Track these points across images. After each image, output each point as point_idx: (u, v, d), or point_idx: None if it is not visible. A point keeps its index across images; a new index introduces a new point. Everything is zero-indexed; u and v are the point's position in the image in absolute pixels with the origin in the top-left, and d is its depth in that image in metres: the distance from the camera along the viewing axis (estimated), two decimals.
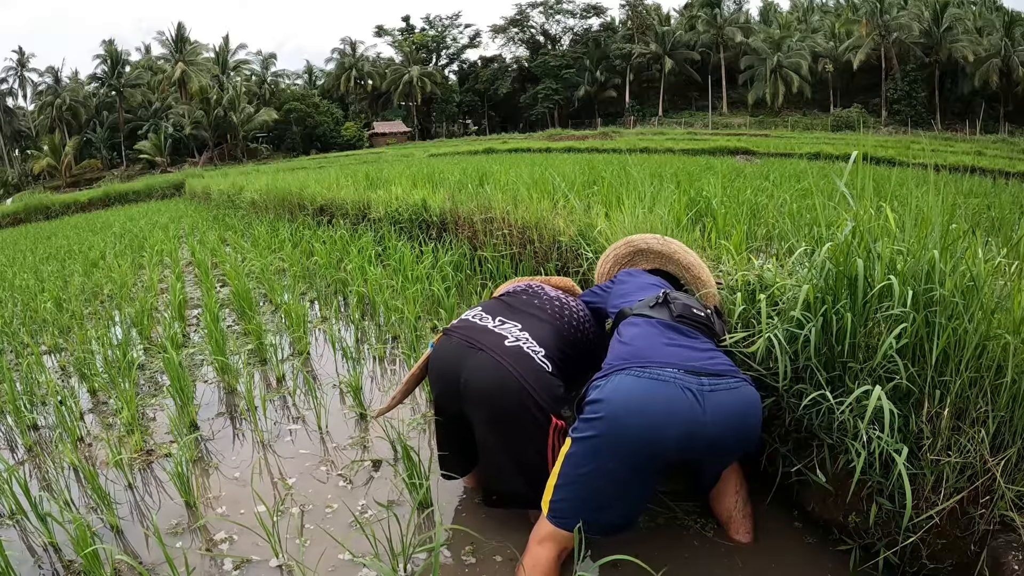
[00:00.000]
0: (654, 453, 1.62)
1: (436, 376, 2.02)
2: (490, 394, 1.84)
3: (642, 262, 2.40)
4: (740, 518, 1.90)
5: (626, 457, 1.61)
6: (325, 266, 5.47)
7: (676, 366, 1.67)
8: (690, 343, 1.78)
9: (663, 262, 2.35)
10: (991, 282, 1.63)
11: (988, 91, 40.16)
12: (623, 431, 1.60)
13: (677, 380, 1.63)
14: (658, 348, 1.74)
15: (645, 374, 1.64)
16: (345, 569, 1.90)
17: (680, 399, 1.60)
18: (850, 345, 1.74)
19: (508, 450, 1.89)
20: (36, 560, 2.05)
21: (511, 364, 1.85)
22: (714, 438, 1.62)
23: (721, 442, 1.66)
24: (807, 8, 52.69)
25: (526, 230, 4.22)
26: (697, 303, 1.97)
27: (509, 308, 2.12)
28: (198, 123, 46.50)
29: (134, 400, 2.95)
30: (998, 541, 1.45)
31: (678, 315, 1.86)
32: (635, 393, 1.62)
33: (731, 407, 1.64)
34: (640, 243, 2.39)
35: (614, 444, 1.61)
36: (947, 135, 35.89)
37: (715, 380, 1.66)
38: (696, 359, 1.71)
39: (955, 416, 1.57)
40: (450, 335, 2.03)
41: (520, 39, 56.95)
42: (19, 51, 49.44)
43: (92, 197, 24.63)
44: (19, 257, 10.14)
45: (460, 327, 2.05)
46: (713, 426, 1.61)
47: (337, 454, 2.60)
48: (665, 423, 1.59)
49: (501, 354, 1.87)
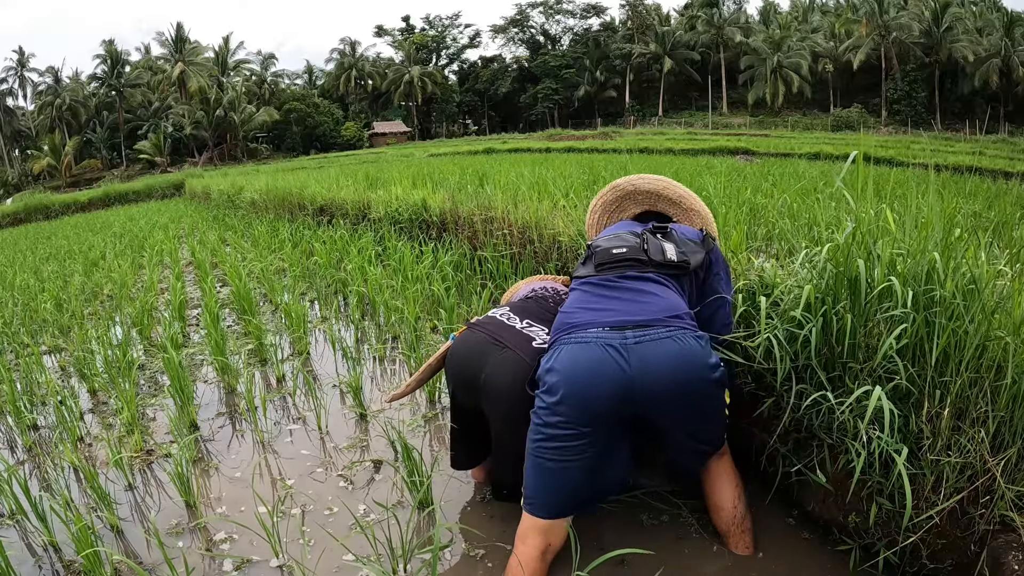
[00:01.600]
0: (594, 413, 1.61)
1: (456, 368, 2.03)
2: (512, 391, 1.86)
3: (631, 206, 2.26)
4: (738, 532, 1.85)
5: (571, 423, 1.61)
6: (325, 266, 5.47)
7: (600, 324, 1.65)
8: (619, 294, 1.75)
9: (653, 201, 2.23)
10: (992, 283, 1.63)
11: (988, 91, 40.16)
12: (562, 400, 1.60)
13: (599, 339, 1.62)
14: (581, 311, 1.73)
15: (571, 339, 1.65)
16: (345, 569, 1.90)
17: (603, 358, 1.59)
18: (850, 345, 1.74)
19: (522, 445, 1.90)
20: (36, 560, 2.05)
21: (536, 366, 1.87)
22: (649, 392, 1.60)
23: (660, 396, 1.61)
24: (807, 8, 52.68)
25: (526, 230, 4.22)
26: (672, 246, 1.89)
27: (537, 313, 2.11)
28: (198, 123, 46.50)
29: (134, 400, 2.95)
30: (998, 541, 1.45)
31: (599, 264, 1.84)
32: (563, 361, 1.62)
33: (658, 358, 1.60)
34: (626, 185, 2.24)
35: (556, 414, 1.61)
36: (947, 135, 35.88)
37: (641, 332, 1.62)
38: (623, 311, 1.68)
39: (955, 416, 1.57)
40: (475, 330, 2.03)
41: (520, 39, 56.97)
42: (19, 51, 49.50)
43: (92, 197, 24.63)
44: (19, 257, 10.14)
45: (487, 323, 2.05)
46: (642, 380, 1.58)
47: (337, 454, 2.60)
48: (593, 383, 1.59)
49: (527, 355, 1.88)
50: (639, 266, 1.81)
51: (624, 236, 1.93)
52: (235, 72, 52.01)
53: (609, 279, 1.80)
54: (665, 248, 1.86)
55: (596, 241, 1.97)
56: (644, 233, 1.92)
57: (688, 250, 1.90)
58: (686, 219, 2.17)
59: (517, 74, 55.35)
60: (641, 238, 1.90)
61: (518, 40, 57.05)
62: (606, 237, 1.97)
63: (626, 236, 1.93)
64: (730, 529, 1.85)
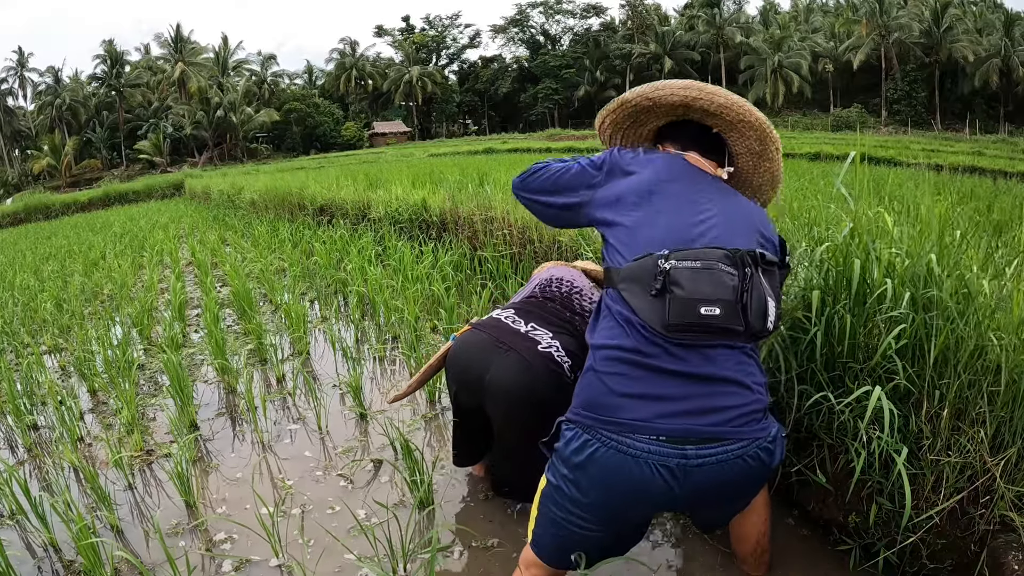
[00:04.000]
0: (624, 521, 1.43)
1: (459, 369, 2.03)
2: (515, 394, 1.86)
3: (651, 119, 1.64)
4: (754, 562, 1.74)
5: (593, 519, 1.38)
6: (325, 266, 5.47)
7: (655, 431, 1.27)
8: (689, 375, 1.30)
9: (682, 112, 1.58)
10: (987, 287, 1.63)
11: (988, 91, 40.18)
12: (588, 499, 1.36)
13: (651, 457, 1.27)
14: (631, 400, 1.31)
15: (613, 442, 1.29)
16: (346, 569, 1.90)
17: (650, 481, 1.29)
18: (850, 345, 1.74)
19: (525, 447, 1.91)
20: (36, 560, 2.05)
21: (541, 370, 1.86)
22: (693, 507, 1.44)
23: (704, 508, 1.46)
24: (807, 8, 52.70)
25: (526, 230, 4.22)
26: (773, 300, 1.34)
27: (542, 316, 2.08)
28: (198, 123, 46.52)
29: (134, 400, 2.95)
30: (998, 541, 1.45)
31: (673, 324, 1.29)
32: (600, 470, 1.31)
33: (716, 484, 1.31)
34: (638, 100, 1.56)
35: (580, 506, 1.38)
36: (947, 135, 35.91)
37: (707, 450, 1.27)
38: (691, 411, 1.28)
39: (955, 416, 1.57)
40: (478, 331, 2.02)
41: (520, 39, 56.98)
42: (19, 51, 49.52)
43: (92, 197, 24.61)
44: (19, 257, 10.14)
45: (490, 325, 2.03)
46: (689, 499, 1.34)
47: (337, 454, 2.60)
48: (633, 502, 1.35)
49: (532, 358, 1.87)
50: (727, 337, 1.32)
51: (718, 267, 1.30)
52: (235, 72, 52.02)
53: (676, 352, 1.30)
54: (769, 308, 1.34)
55: (675, 264, 1.30)
56: (747, 267, 1.32)
57: (778, 289, 1.42)
58: (735, 134, 1.55)
59: (517, 74, 55.36)
60: (743, 276, 1.31)
61: (518, 40, 57.08)
62: (689, 261, 1.31)
63: (722, 273, 1.30)
64: (749, 559, 1.73)
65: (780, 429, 1.41)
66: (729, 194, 1.51)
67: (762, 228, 1.46)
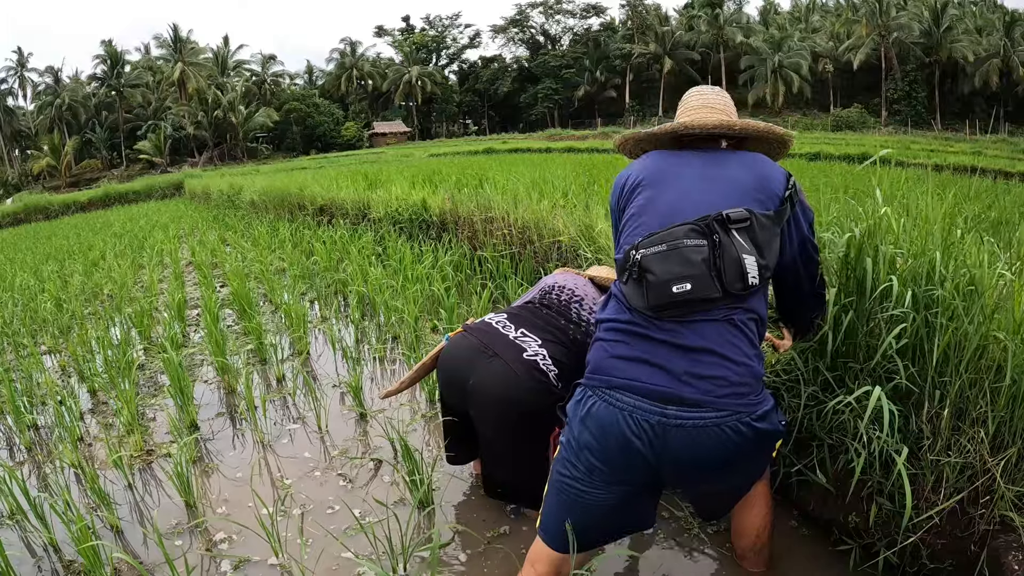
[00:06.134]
0: (624, 481, 1.45)
1: (445, 373, 2.03)
2: (497, 401, 1.85)
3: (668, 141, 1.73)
4: (753, 558, 1.76)
5: (596, 476, 1.45)
6: (325, 266, 5.47)
7: (640, 392, 1.38)
8: (674, 347, 1.39)
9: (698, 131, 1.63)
10: (992, 285, 1.63)
11: (988, 91, 40.18)
12: (589, 452, 1.45)
13: (635, 411, 1.37)
14: (624, 362, 1.43)
15: (606, 397, 1.41)
16: (345, 568, 1.90)
17: (635, 436, 1.37)
18: (851, 344, 1.74)
19: (511, 452, 1.92)
20: (36, 560, 2.05)
21: (524, 376, 1.85)
22: (679, 475, 1.45)
23: (692, 478, 1.47)
24: (807, 8, 52.70)
25: (526, 230, 4.22)
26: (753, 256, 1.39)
27: (533, 323, 2.07)
28: (198, 123, 46.52)
29: (134, 400, 2.95)
30: (998, 541, 1.45)
31: (655, 306, 1.39)
32: (596, 424, 1.42)
33: (691, 453, 1.37)
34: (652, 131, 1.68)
35: (582, 461, 1.46)
36: (947, 135, 35.90)
37: (685, 412, 1.35)
38: (673, 380, 1.37)
39: (955, 416, 1.57)
40: (468, 335, 2.02)
41: (520, 39, 56.99)
42: (18, 51, 49.52)
43: (92, 197, 24.60)
44: (19, 257, 10.14)
45: (479, 330, 2.03)
46: (672, 466, 1.40)
47: (337, 454, 2.60)
48: (625, 461, 1.41)
49: (515, 365, 1.87)
50: (707, 307, 1.39)
51: (683, 244, 1.39)
52: (235, 72, 52.02)
53: (669, 327, 1.40)
54: (745, 263, 1.37)
55: (644, 253, 1.42)
56: (715, 234, 1.39)
57: (768, 237, 1.44)
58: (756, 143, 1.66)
59: (517, 74, 55.36)
60: (712, 244, 1.38)
61: (518, 40, 57.09)
62: (655, 246, 1.41)
63: (686, 244, 1.39)
64: (747, 554, 1.76)
65: (775, 410, 1.44)
66: (719, 164, 1.55)
67: (757, 185, 1.50)
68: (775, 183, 1.51)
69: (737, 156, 1.57)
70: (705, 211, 1.42)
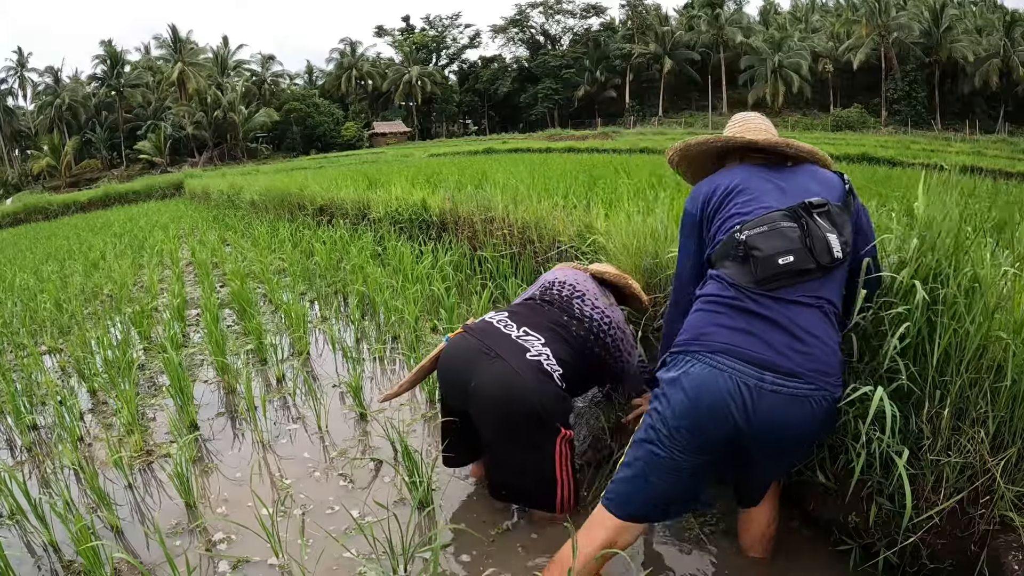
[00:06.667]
0: (700, 442, 1.55)
1: (447, 374, 2.02)
2: (501, 403, 1.84)
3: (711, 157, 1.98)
4: (764, 545, 1.83)
5: (680, 439, 1.55)
6: (325, 266, 5.47)
7: (742, 358, 1.50)
8: (776, 326, 1.52)
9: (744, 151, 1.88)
10: (994, 283, 1.63)
11: (988, 91, 40.19)
12: (677, 420, 1.54)
13: (734, 373, 1.49)
14: (728, 331, 1.54)
15: (706, 359, 1.52)
16: (345, 569, 1.90)
17: (731, 395, 1.48)
18: (848, 342, 1.74)
19: (514, 454, 1.91)
20: (36, 560, 2.05)
21: (528, 378, 1.84)
22: (760, 443, 1.54)
23: (770, 448, 1.57)
24: (807, 8, 52.71)
25: (526, 230, 4.22)
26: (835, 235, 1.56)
27: (535, 320, 2.04)
28: (198, 123, 46.53)
29: (134, 400, 2.95)
30: (998, 541, 1.45)
31: (762, 279, 1.55)
32: (692, 384, 1.52)
33: (783, 417, 1.48)
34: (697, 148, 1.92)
35: (669, 426, 1.55)
36: (947, 135, 35.91)
37: (781, 380, 1.47)
38: (774, 353, 1.49)
39: (955, 416, 1.56)
40: (468, 335, 2.00)
41: (520, 39, 57.00)
42: (19, 51, 49.53)
43: (92, 197, 24.57)
44: (19, 257, 10.14)
45: (480, 329, 2.01)
46: (760, 432, 1.50)
47: (337, 454, 2.60)
48: (711, 417, 1.51)
49: (519, 366, 1.85)
50: (805, 278, 1.55)
51: (780, 225, 1.58)
52: (235, 72, 52.02)
53: (769, 305, 1.54)
54: (830, 241, 1.55)
55: (748, 234, 1.59)
56: (803, 218, 1.58)
57: (843, 220, 1.62)
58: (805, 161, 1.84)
59: (517, 74, 55.37)
60: (801, 226, 1.57)
61: (518, 40, 57.10)
62: (757, 228, 1.60)
63: (783, 225, 1.58)
64: (755, 543, 1.83)
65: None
66: (789, 175, 1.77)
67: (822, 187, 1.71)
68: (835, 182, 1.73)
69: (800, 168, 1.79)
70: (790, 205, 1.63)
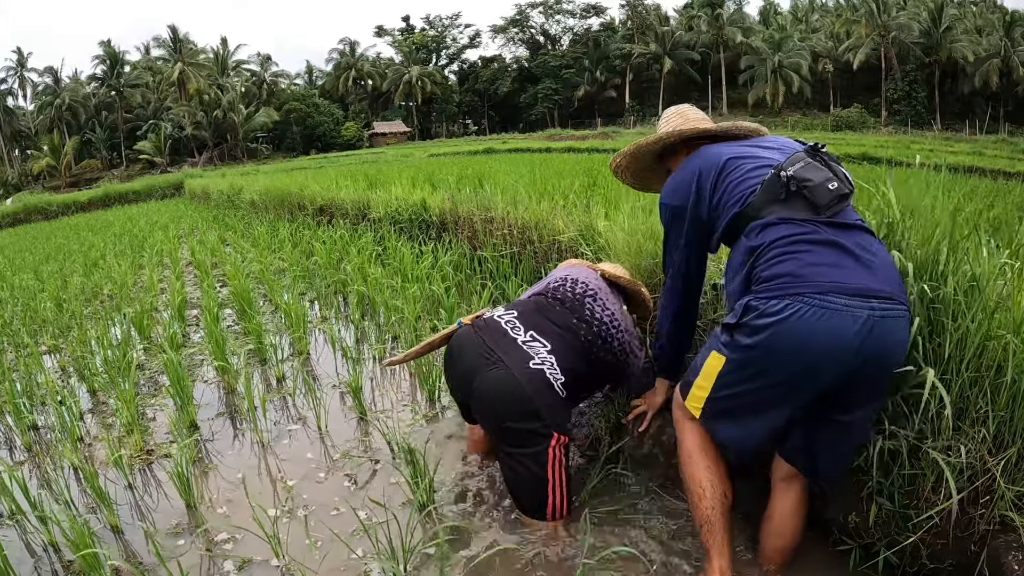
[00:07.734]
0: (806, 382, 1.49)
1: (452, 369, 2.06)
2: (499, 411, 1.87)
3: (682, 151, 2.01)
4: (785, 556, 1.75)
5: (773, 381, 1.50)
6: (325, 266, 5.47)
7: (844, 292, 1.43)
8: (849, 253, 1.48)
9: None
10: (993, 282, 1.63)
11: (988, 91, 40.20)
12: (781, 359, 1.47)
13: (849, 308, 1.41)
14: (821, 267, 1.47)
15: (816, 302, 1.43)
16: (346, 569, 1.90)
17: (848, 330, 1.41)
18: None
19: (508, 458, 1.94)
20: (36, 560, 2.05)
21: (528, 388, 1.84)
22: (868, 371, 1.46)
23: (875, 377, 1.49)
24: (807, 8, 52.71)
25: (526, 230, 4.22)
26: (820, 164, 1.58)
27: (543, 324, 2.01)
28: (198, 123, 46.54)
29: (134, 400, 2.95)
30: (998, 541, 1.45)
31: (822, 205, 1.51)
32: (804, 325, 1.43)
33: (894, 340, 1.45)
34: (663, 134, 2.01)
35: (769, 369, 1.49)
36: (947, 135, 35.93)
37: (885, 306, 1.42)
38: (867, 276, 1.45)
39: (955, 416, 1.56)
40: (476, 332, 2.01)
41: (520, 39, 57.01)
42: (18, 51, 49.53)
43: (92, 197, 24.55)
44: (19, 257, 10.13)
45: (488, 328, 2.00)
46: (872, 358, 1.43)
47: (337, 454, 2.60)
48: (824, 356, 1.43)
49: (521, 375, 1.85)
50: (846, 204, 1.55)
51: (810, 160, 1.59)
52: (235, 73, 52.02)
53: (838, 232, 1.51)
54: (845, 172, 1.59)
55: (793, 170, 1.56)
56: (817, 154, 1.62)
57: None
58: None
59: (517, 74, 55.37)
60: (820, 159, 1.60)
61: (518, 40, 57.11)
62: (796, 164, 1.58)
63: (810, 160, 1.59)
64: (777, 554, 1.74)
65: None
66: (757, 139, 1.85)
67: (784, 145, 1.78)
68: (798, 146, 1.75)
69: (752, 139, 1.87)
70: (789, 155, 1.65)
